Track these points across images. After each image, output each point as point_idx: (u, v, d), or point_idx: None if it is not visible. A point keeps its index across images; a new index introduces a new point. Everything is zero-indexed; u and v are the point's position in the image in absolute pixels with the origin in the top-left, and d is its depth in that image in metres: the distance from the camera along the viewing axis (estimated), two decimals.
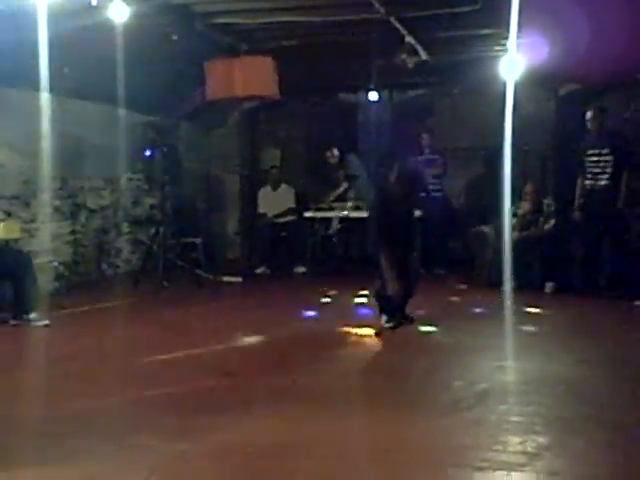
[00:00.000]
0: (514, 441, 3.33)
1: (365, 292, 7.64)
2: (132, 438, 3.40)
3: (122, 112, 8.40)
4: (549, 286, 7.89)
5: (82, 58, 7.43)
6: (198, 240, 9.76)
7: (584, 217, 7.83)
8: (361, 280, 8.66)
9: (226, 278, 9.09)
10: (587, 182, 7.77)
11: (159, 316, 6.77)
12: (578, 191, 7.88)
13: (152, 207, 9.50)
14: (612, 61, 7.69)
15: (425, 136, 9.71)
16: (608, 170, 7.59)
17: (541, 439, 3.34)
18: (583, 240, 7.96)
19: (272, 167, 10.59)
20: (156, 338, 5.80)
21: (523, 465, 3.04)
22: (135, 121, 8.70)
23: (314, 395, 4.16)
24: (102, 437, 3.43)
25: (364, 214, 9.34)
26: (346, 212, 9.42)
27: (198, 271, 8.80)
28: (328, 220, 9.77)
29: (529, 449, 3.22)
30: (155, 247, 8.34)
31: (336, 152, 9.95)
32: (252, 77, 7.79)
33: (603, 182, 7.63)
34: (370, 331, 5.87)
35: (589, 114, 7.74)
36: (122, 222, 9.29)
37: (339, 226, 9.84)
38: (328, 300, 7.56)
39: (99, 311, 6.85)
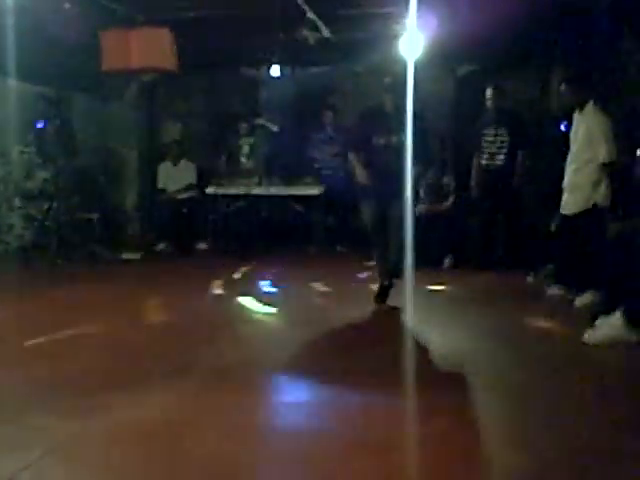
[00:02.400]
0: None
1: (265, 269, 7.67)
2: (25, 418, 3.29)
3: (12, 82, 8.05)
4: (447, 261, 8.11)
5: None
6: (95, 215, 9.51)
7: (480, 195, 8.06)
8: (264, 257, 8.70)
9: (125, 255, 8.92)
10: (483, 161, 7.99)
11: (51, 294, 6.57)
12: (475, 169, 8.10)
13: (45, 181, 9.16)
14: (510, 40, 7.91)
15: (328, 113, 9.74)
16: (504, 150, 7.83)
17: (436, 410, 3.45)
18: (479, 217, 8.20)
19: (173, 141, 10.43)
20: (47, 317, 5.62)
21: (418, 435, 3.12)
22: (26, 92, 8.36)
23: (215, 373, 4.13)
24: None
25: (269, 191, 9.37)
26: (249, 188, 9.39)
27: (94, 248, 8.60)
28: (230, 196, 9.70)
29: None
30: (48, 222, 8.08)
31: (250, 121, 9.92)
32: (149, 49, 7.62)
33: (499, 161, 7.87)
34: (271, 309, 5.89)
35: (488, 93, 7.93)
36: (13, 196, 8.94)
37: (242, 203, 9.78)
38: (232, 276, 7.52)
39: None
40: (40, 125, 8.07)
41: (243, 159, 9.99)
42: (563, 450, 2.96)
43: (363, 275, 7.39)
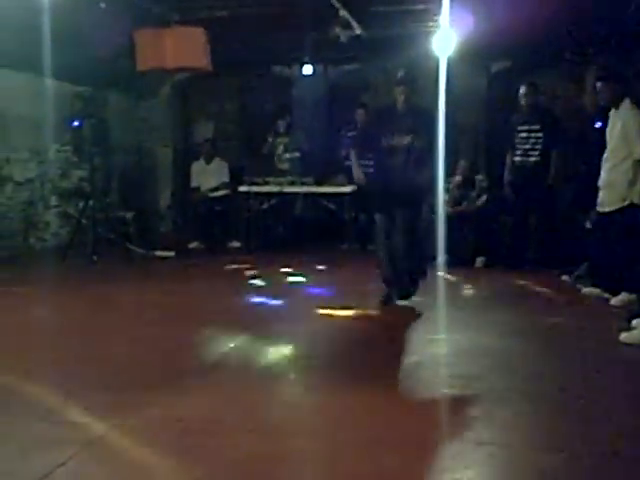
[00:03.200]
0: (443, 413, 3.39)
1: (299, 267, 7.69)
2: (63, 414, 3.33)
3: (49, 82, 8.15)
4: (479, 261, 8.04)
5: (6, 25, 7.17)
6: (129, 214, 9.61)
7: (514, 193, 7.97)
8: (297, 255, 8.71)
9: (158, 253, 8.99)
10: (517, 158, 7.89)
11: (88, 292, 6.65)
12: (508, 167, 8.01)
13: (81, 180, 9.28)
14: (544, 36, 7.82)
15: (360, 111, 9.71)
16: (538, 147, 7.73)
17: (470, 410, 3.41)
18: (513, 216, 8.11)
19: (206, 140, 10.48)
20: (85, 315, 5.69)
21: (451, 435, 3.11)
22: (63, 91, 8.46)
23: (250, 369, 4.15)
24: (32, 414, 3.36)
25: (301, 189, 9.38)
26: (282, 186, 9.40)
27: (129, 245, 8.68)
28: (263, 194, 9.72)
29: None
30: (84, 221, 8.18)
31: (288, 119, 9.95)
32: (183, 48, 7.65)
33: (533, 159, 7.77)
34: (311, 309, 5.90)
35: (522, 89, 7.82)
36: (50, 195, 9.07)
37: (274, 201, 9.79)
38: (267, 273, 7.54)
39: (26, 286, 6.67)
40: (76, 124, 8.16)
41: (277, 159, 9.99)
42: (600, 454, 2.92)
43: None
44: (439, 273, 7.13)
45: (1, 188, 8.26)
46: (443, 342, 4.85)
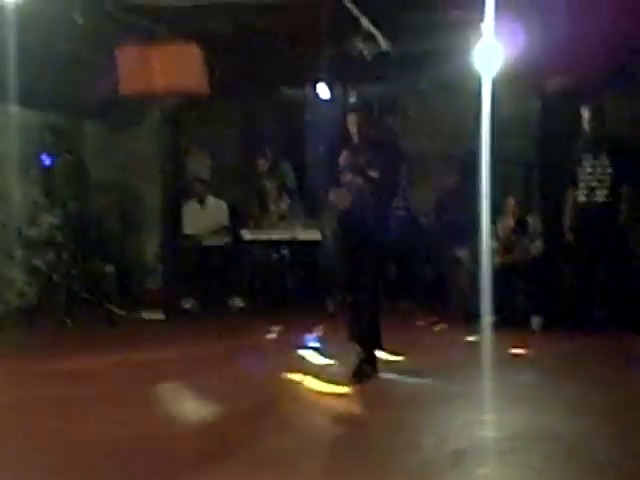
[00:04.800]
0: None
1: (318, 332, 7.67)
2: None
3: (14, 110, 8.24)
4: (536, 321, 7.97)
5: None
6: (109, 268, 9.63)
7: (577, 238, 7.93)
8: (313, 317, 8.67)
9: (145, 314, 9.00)
10: (580, 197, 7.87)
11: (59, 363, 6.61)
12: (569, 208, 7.98)
13: (52, 227, 9.33)
14: (610, 50, 7.82)
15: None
16: (607, 183, 7.71)
17: None
18: (576, 266, 8.06)
19: (196, 179, 10.49)
20: (55, 395, 5.64)
21: None
22: (31, 121, 8.55)
23: (255, 459, 4.09)
24: None
25: (315, 236, 9.38)
26: (292, 234, 9.42)
27: (109, 306, 8.68)
28: (271, 242, 9.73)
29: None
30: (56, 276, 8.20)
31: (269, 157, 10.02)
32: (174, 68, 7.71)
33: (600, 197, 7.74)
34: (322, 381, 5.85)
35: (586, 114, 7.84)
36: (14, 246, 9.10)
37: (285, 251, 9.80)
38: (273, 341, 7.51)
39: None
40: (47, 161, 8.24)
41: (272, 204, 10.01)
42: None
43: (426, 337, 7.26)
44: (485, 337, 7.06)
45: None
46: (492, 424, 4.77)
